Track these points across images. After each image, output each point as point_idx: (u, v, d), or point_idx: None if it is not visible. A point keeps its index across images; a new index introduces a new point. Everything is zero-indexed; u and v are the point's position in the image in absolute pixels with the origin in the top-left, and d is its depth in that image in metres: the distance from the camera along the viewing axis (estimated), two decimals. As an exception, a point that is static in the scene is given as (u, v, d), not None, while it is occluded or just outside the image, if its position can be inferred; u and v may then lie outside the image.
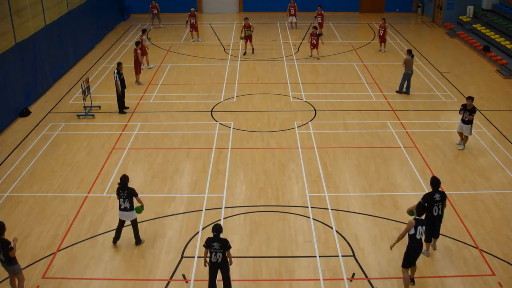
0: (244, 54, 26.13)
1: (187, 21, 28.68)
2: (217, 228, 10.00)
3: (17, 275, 10.34)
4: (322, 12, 29.44)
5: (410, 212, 11.31)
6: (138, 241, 12.08)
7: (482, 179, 14.83)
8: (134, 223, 11.97)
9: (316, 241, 12.14)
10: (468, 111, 16.09)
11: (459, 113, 16.33)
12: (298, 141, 16.98)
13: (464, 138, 16.44)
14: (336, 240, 12.19)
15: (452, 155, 16.16)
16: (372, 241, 12.14)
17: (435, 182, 11.37)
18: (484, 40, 27.46)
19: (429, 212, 11.23)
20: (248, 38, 25.76)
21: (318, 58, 25.47)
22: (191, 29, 28.90)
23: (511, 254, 11.72)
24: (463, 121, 16.19)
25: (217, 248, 9.96)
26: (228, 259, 10.17)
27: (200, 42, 29.02)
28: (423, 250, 11.39)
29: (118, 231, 12.02)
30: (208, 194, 14.11)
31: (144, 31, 23.89)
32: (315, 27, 25.65)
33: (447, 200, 11.86)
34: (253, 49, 26.37)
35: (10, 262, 10.16)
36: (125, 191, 11.68)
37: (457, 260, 11.55)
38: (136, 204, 11.83)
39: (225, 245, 10.00)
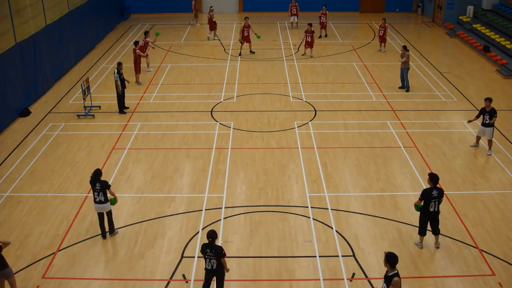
0: (240, 54, 26.10)
1: (214, 21, 29.15)
2: (211, 235, 9.83)
3: (9, 279, 10.24)
4: (327, 12, 29.34)
5: (417, 207, 11.66)
6: (112, 230, 12.35)
7: (482, 179, 14.83)
8: (109, 214, 12.24)
9: (316, 241, 12.14)
10: (487, 113, 15.76)
11: (477, 117, 16.06)
12: (298, 141, 16.98)
13: (488, 143, 16.06)
14: (336, 240, 12.19)
15: (452, 155, 16.16)
16: (372, 241, 12.15)
17: (434, 178, 11.58)
18: (484, 40, 27.46)
19: (426, 207, 11.53)
20: (245, 39, 25.69)
21: (311, 56, 25.55)
22: (211, 28, 29.30)
23: (511, 254, 11.73)
24: (483, 124, 15.87)
25: (211, 255, 9.85)
26: (223, 266, 10.01)
27: (205, 41, 29.48)
28: (434, 243, 11.98)
29: (101, 225, 12.24)
30: (208, 194, 14.11)
31: (146, 33, 23.72)
32: (309, 24, 25.51)
33: (444, 197, 12.05)
34: (248, 48, 26.40)
35: (2, 266, 10.05)
36: (98, 185, 11.87)
37: (457, 260, 11.56)
38: (109, 196, 12.10)
39: (219, 253, 9.84)
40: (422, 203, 11.59)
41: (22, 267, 11.31)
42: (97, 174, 11.94)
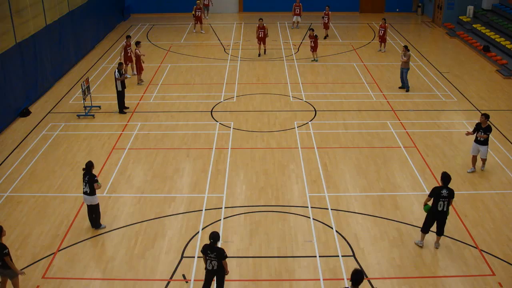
0: (259, 55, 26.08)
1: (193, 14, 30.66)
2: (214, 237, 9.86)
3: (13, 280, 10.25)
4: (330, 12, 29.32)
5: (425, 207, 11.70)
6: (97, 226, 12.63)
7: (482, 179, 14.82)
8: (94, 209, 12.50)
9: (316, 241, 12.14)
10: (482, 130, 14.59)
11: (472, 132, 14.83)
12: (298, 141, 16.98)
13: (482, 161, 15.02)
14: (336, 240, 12.19)
15: (452, 155, 16.16)
16: (372, 241, 12.14)
17: (444, 178, 11.56)
18: (484, 40, 27.46)
19: (434, 206, 11.47)
20: (261, 39, 25.76)
21: (316, 60, 25.21)
22: (196, 22, 30.65)
23: (511, 254, 11.73)
24: (477, 141, 14.70)
25: (212, 257, 9.88)
26: (224, 268, 10.05)
27: (203, 34, 30.65)
28: (434, 243, 11.94)
29: (88, 216, 12.66)
30: (208, 194, 14.11)
31: (128, 37, 22.75)
32: (311, 29, 25.36)
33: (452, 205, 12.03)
34: (265, 49, 26.31)
35: (7, 266, 10.08)
36: (87, 177, 12.26)
37: (457, 260, 11.56)
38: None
39: (221, 255, 9.88)
40: (431, 203, 11.56)
41: (22, 267, 11.30)
42: (88, 166, 12.32)
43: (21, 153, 16.44)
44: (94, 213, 12.55)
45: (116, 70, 19.00)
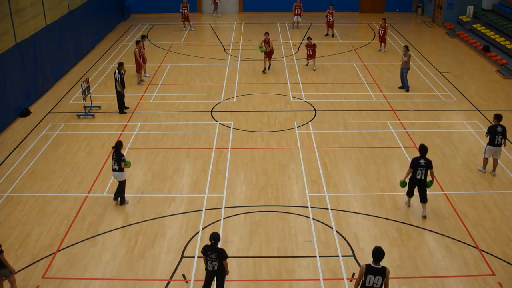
0: (263, 72, 23.79)
1: (181, 12, 31.34)
2: (214, 237, 9.84)
3: (8, 278, 10.25)
4: (334, 11, 29.28)
5: (402, 184, 13.02)
6: (122, 201, 13.62)
7: (482, 179, 14.82)
8: (120, 185, 13.49)
9: (316, 241, 12.14)
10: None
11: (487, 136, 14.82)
12: (298, 141, 16.98)
13: (493, 163, 14.90)
14: (336, 240, 12.19)
15: (452, 155, 16.17)
16: (372, 241, 12.14)
17: (422, 149, 12.85)
18: (484, 40, 27.46)
19: (414, 175, 12.84)
20: (267, 54, 23.59)
21: (314, 70, 23.96)
22: (183, 20, 31.49)
23: (511, 254, 11.73)
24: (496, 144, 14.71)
25: (213, 257, 9.88)
26: (224, 268, 10.05)
27: (193, 30, 31.57)
28: (422, 212, 12.97)
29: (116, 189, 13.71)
30: (208, 194, 14.11)
31: (143, 37, 23.43)
32: (309, 38, 24.52)
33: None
34: (270, 65, 23.99)
35: (1, 265, 10.07)
36: (115, 155, 13.26)
37: (457, 260, 11.56)
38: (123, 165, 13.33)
39: (221, 256, 9.89)
40: (407, 180, 12.93)
41: (22, 267, 11.31)
42: (117, 145, 13.32)
43: (21, 153, 16.44)
44: (119, 188, 13.48)
45: (116, 70, 18.99)
